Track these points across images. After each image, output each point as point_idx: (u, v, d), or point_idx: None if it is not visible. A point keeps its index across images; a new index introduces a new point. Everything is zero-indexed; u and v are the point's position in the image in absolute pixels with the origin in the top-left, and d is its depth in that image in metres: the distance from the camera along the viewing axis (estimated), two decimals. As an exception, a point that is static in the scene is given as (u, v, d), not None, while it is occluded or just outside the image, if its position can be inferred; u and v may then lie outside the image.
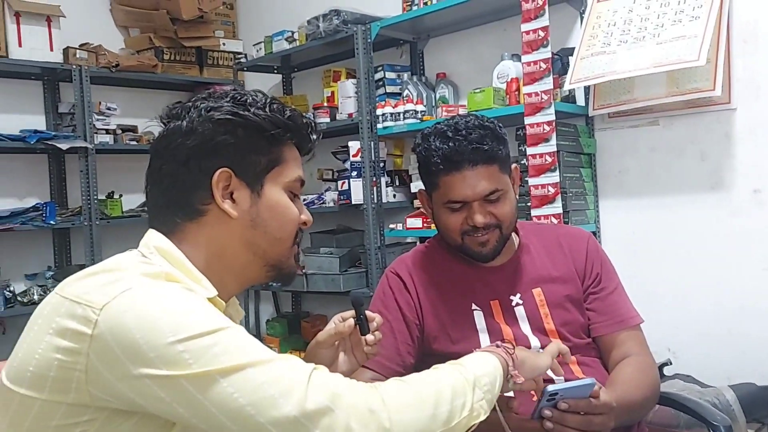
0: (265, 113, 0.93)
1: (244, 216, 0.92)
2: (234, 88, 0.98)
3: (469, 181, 1.30)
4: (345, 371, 1.08)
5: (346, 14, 3.01)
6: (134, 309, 0.75)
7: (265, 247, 0.95)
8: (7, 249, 3.21)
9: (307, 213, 1.00)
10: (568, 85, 2.38)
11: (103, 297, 0.77)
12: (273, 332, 3.61)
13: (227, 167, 0.91)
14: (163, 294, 0.79)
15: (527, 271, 1.41)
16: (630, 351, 1.36)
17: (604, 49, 2.30)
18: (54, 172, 3.49)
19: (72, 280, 0.83)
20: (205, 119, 0.91)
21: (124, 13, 3.73)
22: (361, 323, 1.06)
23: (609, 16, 2.34)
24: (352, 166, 2.99)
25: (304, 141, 1.00)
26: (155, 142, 0.96)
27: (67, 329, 0.76)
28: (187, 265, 0.89)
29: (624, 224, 2.52)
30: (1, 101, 3.31)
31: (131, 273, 0.82)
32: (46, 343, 0.77)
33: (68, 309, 0.78)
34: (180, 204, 0.92)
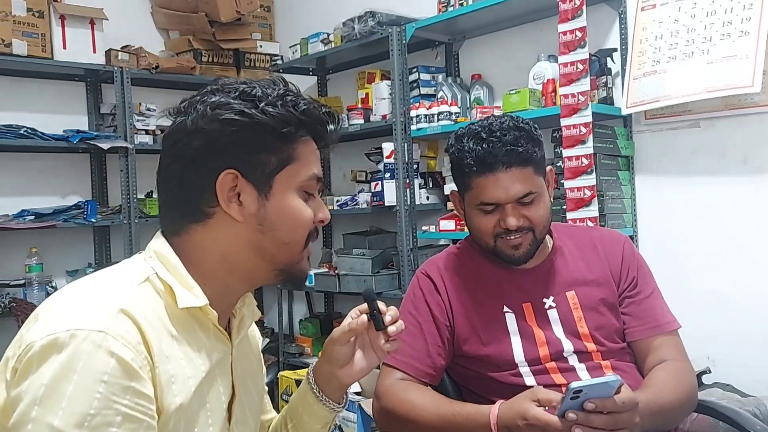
0: (275, 110, 0.87)
1: (250, 220, 0.88)
2: (245, 81, 0.90)
3: (502, 184, 1.29)
4: (363, 367, 1.04)
5: (381, 16, 3.02)
6: (38, 366, 0.74)
7: (273, 252, 0.90)
8: (50, 245, 3.30)
9: (324, 210, 0.95)
10: (625, 110, 2.39)
11: (39, 334, 0.76)
12: (305, 332, 3.63)
13: (234, 168, 0.86)
14: (72, 369, 0.73)
15: (561, 273, 1.40)
16: (666, 356, 1.33)
17: (654, 68, 2.28)
18: (95, 171, 3.58)
19: (57, 294, 0.84)
20: (211, 118, 0.86)
21: (165, 16, 3.81)
22: (375, 318, 1.01)
23: (655, 27, 2.32)
24: (386, 167, 3.00)
25: (321, 134, 0.93)
26: (163, 139, 0.92)
27: (18, 339, 0.79)
28: (181, 272, 0.87)
29: (662, 228, 2.47)
30: (46, 102, 3.41)
31: (92, 304, 0.79)
32: (10, 355, 0.79)
33: (28, 328, 0.79)
34: (186, 205, 0.89)
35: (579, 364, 1.33)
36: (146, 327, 0.80)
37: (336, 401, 1.06)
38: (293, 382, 2.82)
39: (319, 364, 1.06)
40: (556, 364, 1.32)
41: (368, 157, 3.27)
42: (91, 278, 0.87)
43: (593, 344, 1.34)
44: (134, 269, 0.88)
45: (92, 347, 0.74)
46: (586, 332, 1.35)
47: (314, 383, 1.05)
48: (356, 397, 2.46)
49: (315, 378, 1.06)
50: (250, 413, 1.00)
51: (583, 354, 1.33)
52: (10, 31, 3.05)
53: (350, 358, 1.04)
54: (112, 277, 0.87)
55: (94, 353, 0.74)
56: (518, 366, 1.32)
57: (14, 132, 3.07)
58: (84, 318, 0.76)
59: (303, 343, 3.59)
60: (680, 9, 2.26)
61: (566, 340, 1.34)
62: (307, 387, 1.06)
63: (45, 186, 3.40)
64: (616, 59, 2.53)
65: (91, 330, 0.75)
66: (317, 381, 1.05)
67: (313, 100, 0.92)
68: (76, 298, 0.82)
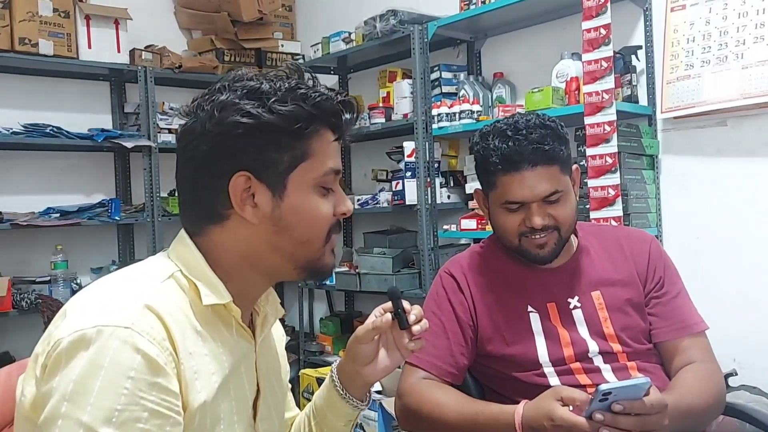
0: (284, 107, 0.83)
1: (266, 221, 0.86)
2: (254, 75, 0.87)
3: (528, 182, 1.28)
4: (387, 365, 1.04)
5: (403, 14, 3.01)
6: (68, 362, 0.75)
7: (291, 250, 0.89)
8: (75, 243, 3.34)
9: (345, 203, 0.93)
10: (661, 115, 2.38)
11: (67, 330, 0.76)
12: (326, 331, 3.64)
13: (246, 169, 0.84)
14: (99, 365, 0.74)
15: (586, 273, 1.38)
16: (693, 357, 1.31)
17: (688, 72, 2.27)
18: (119, 169, 3.62)
19: (85, 291, 0.84)
20: (217, 120, 0.83)
21: (188, 16, 3.84)
22: (399, 317, 1.00)
23: (686, 29, 2.30)
24: (407, 166, 2.99)
25: (336, 125, 0.90)
26: (177, 140, 0.90)
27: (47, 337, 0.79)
28: (204, 270, 0.87)
29: (688, 228, 2.43)
30: (71, 101, 3.46)
31: (119, 300, 0.80)
32: (39, 352, 0.80)
33: (56, 324, 0.80)
34: (202, 207, 0.88)
35: (604, 365, 1.31)
36: (171, 323, 0.80)
37: (359, 399, 1.06)
38: (314, 380, 2.82)
39: (343, 362, 1.06)
40: (581, 364, 1.31)
41: (389, 156, 3.26)
42: (116, 275, 0.88)
43: (619, 345, 1.32)
44: (159, 266, 0.88)
45: (118, 343, 0.75)
46: (611, 333, 1.33)
47: (338, 381, 1.05)
48: (377, 395, 2.46)
49: (339, 376, 1.06)
50: (275, 410, 1.00)
51: (609, 355, 1.32)
52: (37, 31, 3.09)
53: (374, 356, 1.03)
54: (137, 274, 0.88)
55: (120, 349, 0.74)
56: (542, 366, 1.31)
57: (40, 131, 3.12)
58: (110, 314, 0.77)
59: (323, 342, 3.60)
60: (711, 10, 2.24)
61: (591, 341, 1.32)
62: (331, 385, 1.06)
63: (70, 184, 3.45)
64: (641, 57, 2.50)
65: (117, 326, 0.75)
66: (341, 379, 1.06)
67: (328, 89, 0.89)
68: (102, 295, 0.82)
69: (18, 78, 3.29)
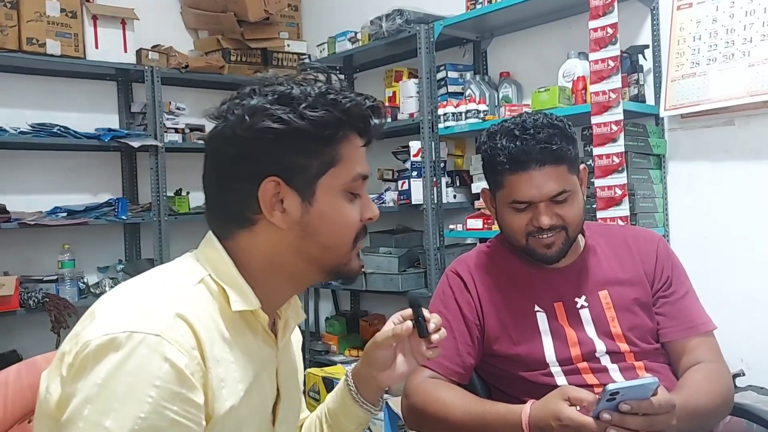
0: (315, 113, 0.83)
1: (294, 227, 0.86)
2: (283, 79, 0.87)
3: (535, 182, 1.27)
4: (404, 372, 1.04)
5: (409, 14, 3.01)
6: (95, 362, 0.74)
7: (317, 256, 0.89)
8: (82, 242, 3.35)
9: (372, 208, 0.93)
10: (663, 113, 2.36)
11: (95, 333, 0.76)
12: (332, 330, 3.65)
13: (276, 175, 0.84)
14: (126, 371, 0.74)
15: (593, 272, 1.38)
16: (701, 357, 1.30)
17: (694, 70, 2.26)
18: (126, 169, 3.63)
19: (115, 292, 0.83)
20: (248, 125, 0.83)
21: (194, 16, 3.85)
22: (419, 324, 1.01)
23: (693, 27, 2.29)
24: (413, 166, 2.99)
25: (365, 130, 0.90)
26: (206, 143, 0.90)
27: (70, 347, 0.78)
28: (234, 275, 0.86)
29: (695, 228, 2.43)
30: (78, 101, 3.47)
31: (157, 313, 0.78)
32: (67, 351, 0.79)
33: (83, 325, 0.79)
34: (231, 211, 0.88)
35: (611, 365, 1.31)
36: (201, 330, 0.80)
37: (373, 404, 1.06)
38: (320, 380, 2.83)
39: (359, 367, 1.06)
40: (588, 364, 1.30)
41: (395, 156, 3.27)
42: (147, 277, 0.87)
43: (626, 345, 1.32)
44: (189, 270, 0.87)
45: (147, 350, 0.74)
46: (619, 332, 1.33)
47: (353, 385, 1.05)
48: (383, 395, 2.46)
49: (354, 380, 1.06)
50: (292, 413, 1.01)
51: (616, 354, 1.31)
52: (44, 31, 3.11)
53: (391, 361, 1.04)
54: (168, 276, 0.87)
55: (148, 357, 0.74)
56: (549, 366, 1.31)
57: (47, 130, 3.13)
58: (141, 320, 0.76)
59: (329, 341, 3.60)
60: (718, 8, 2.23)
61: (599, 341, 1.32)
62: (345, 389, 1.06)
63: (77, 183, 3.46)
64: (648, 56, 2.49)
65: (148, 333, 0.75)
66: (356, 383, 1.05)
67: (357, 94, 0.89)
68: (133, 299, 0.81)
69: (25, 78, 3.31)
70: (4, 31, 3.01)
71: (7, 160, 3.25)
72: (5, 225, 2.94)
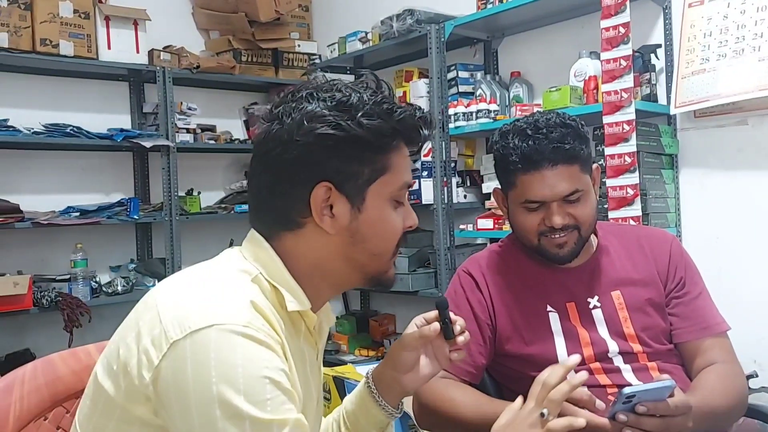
0: (371, 121, 0.85)
1: (343, 233, 0.87)
2: (340, 86, 0.88)
3: (548, 181, 1.27)
4: (427, 374, 1.05)
5: (420, 14, 3.01)
6: (198, 358, 0.74)
7: (363, 262, 0.90)
8: (94, 241, 3.37)
9: (413, 216, 0.94)
10: (674, 110, 2.33)
11: (179, 330, 0.76)
12: (342, 330, 3.65)
13: (328, 180, 0.85)
14: (234, 352, 0.75)
15: (606, 272, 1.37)
16: (715, 358, 1.30)
17: (703, 66, 2.24)
18: (138, 169, 3.65)
19: (170, 286, 0.84)
20: (306, 130, 0.84)
21: (205, 16, 3.87)
22: (446, 327, 1.01)
23: (704, 24, 2.27)
24: (423, 165, 2.99)
25: (415, 141, 0.92)
26: (256, 144, 0.90)
27: (143, 345, 0.77)
28: (286, 277, 0.87)
29: (707, 228, 2.41)
30: (91, 101, 3.50)
31: (223, 301, 0.79)
32: (127, 345, 0.78)
33: (151, 319, 0.78)
34: (279, 213, 0.88)
35: (624, 365, 1.30)
36: (273, 322, 0.81)
37: (393, 407, 1.05)
38: (330, 379, 2.83)
39: (382, 369, 1.06)
40: (600, 364, 1.30)
41: (406, 156, 3.26)
42: (202, 269, 0.87)
43: (639, 345, 1.32)
44: (241, 267, 0.87)
45: (243, 340, 0.75)
46: (631, 333, 1.32)
47: (374, 388, 1.05)
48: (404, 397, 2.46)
49: (375, 383, 1.05)
50: (319, 415, 1.01)
51: (629, 355, 1.31)
52: (57, 32, 3.13)
53: (415, 364, 1.04)
54: (225, 271, 0.87)
55: (248, 345, 0.75)
56: (562, 366, 1.30)
57: (60, 130, 3.16)
58: (223, 312, 0.77)
59: (339, 341, 3.61)
60: (729, 5, 2.21)
61: (611, 341, 1.31)
62: (366, 391, 1.06)
63: (90, 183, 3.48)
64: (661, 55, 2.48)
65: (235, 323, 0.76)
66: (377, 386, 1.05)
67: (408, 104, 0.90)
68: (204, 292, 0.81)
69: (39, 78, 3.33)
70: (18, 32, 3.03)
71: (21, 160, 3.28)
72: (19, 224, 2.96)
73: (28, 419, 0.94)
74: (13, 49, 3.02)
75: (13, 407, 0.92)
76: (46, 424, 0.95)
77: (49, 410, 0.96)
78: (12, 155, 3.24)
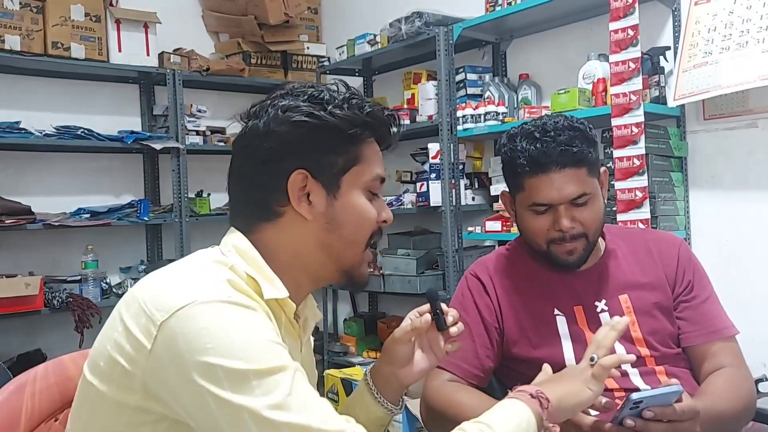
0: (343, 112, 0.91)
1: (319, 218, 0.91)
2: (312, 84, 0.95)
3: (555, 184, 1.27)
4: (424, 368, 1.06)
5: (428, 16, 3.01)
6: (188, 331, 0.76)
7: (339, 250, 0.94)
8: (105, 243, 3.40)
9: (387, 211, 0.99)
10: (673, 102, 2.32)
11: (164, 311, 0.77)
12: (350, 331, 3.66)
13: (304, 168, 0.90)
14: (221, 318, 0.78)
15: (613, 276, 1.37)
16: (723, 363, 1.29)
17: (706, 59, 2.21)
18: (148, 171, 3.67)
19: (148, 280, 0.85)
20: (281, 120, 0.90)
21: (215, 19, 3.89)
22: (437, 318, 1.03)
23: (708, 20, 2.25)
24: (431, 168, 3.00)
25: (384, 135, 0.97)
26: (235, 142, 0.96)
27: (131, 334, 0.79)
28: (261, 265, 0.89)
29: (717, 231, 2.40)
30: (101, 104, 3.53)
31: (199, 278, 0.83)
32: (114, 341, 0.80)
33: (136, 312, 0.80)
34: (258, 205, 0.92)
35: (632, 369, 1.30)
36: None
37: (393, 403, 1.06)
38: (338, 381, 2.84)
39: (379, 365, 1.07)
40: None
41: (414, 158, 3.27)
42: (179, 264, 0.89)
43: (647, 349, 1.31)
44: (216, 258, 0.89)
45: (228, 306, 0.79)
46: (639, 337, 1.32)
47: (372, 385, 1.06)
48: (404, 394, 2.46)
49: (373, 380, 1.07)
50: None
51: (637, 359, 1.30)
52: (69, 35, 3.16)
53: (410, 357, 1.06)
54: (199, 263, 0.89)
55: (234, 310, 0.79)
56: (569, 370, 1.30)
57: (71, 133, 3.18)
58: (204, 289, 0.80)
59: (347, 342, 3.61)
60: (736, 1, 2.19)
61: (619, 345, 1.31)
62: (365, 388, 1.07)
63: (100, 185, 3.51)
64: (670, 58, 2.47)
65: (217, 297, 0.80)
66: (375, 382, 1.06)
67: (376, 103, 0.96)
68: (181, 276, 0.84)
69: (50, 81, 3.36)
70: (30, 35, 3.06)
71: (33, 162, 3.31)
72: (30, 226, 2.99)
73: (40, 420, 0.95)
74: (25, 52, 3.05)
75: (24, 407, 0.94)
76: (57, 425, 0.96)
77: (60, 411, 0.98)
78: (24, 157, 3.27)
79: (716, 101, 2.32)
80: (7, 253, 3.18)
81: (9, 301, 2.83)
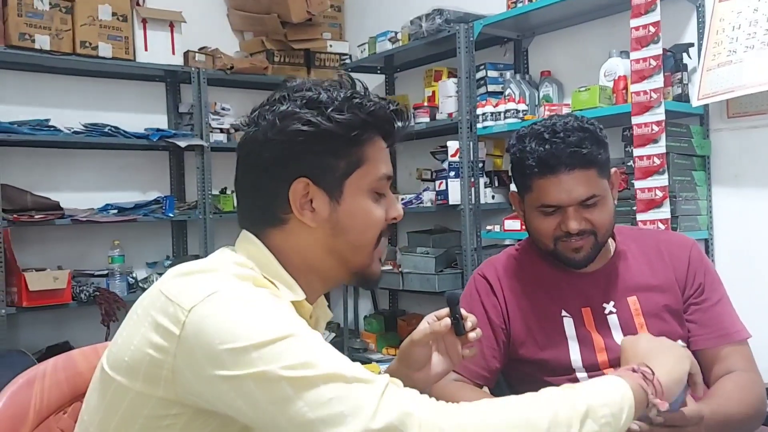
0: (342, 115, 0.88)
1: (324, 225, 0.91)
2: (312, 83, 0.92)
3: (564, 186, 1.26)
4: (440, 372, 1.05)
5: (449, 13, 3.01)
6: (217, 313, 0.77)
7: (346, 254, 0.93)
8: (131, 238, 3.47)
9: (397, 208, 0.97)
10: (697, 102, 2.28)
11: (191, 299, 0.78)
12: (370, 328, 3.68)
13: (305, 175, 0.89)
14: (247, 299, 0.80)
15: (622, 278, 1.36)
16: (734, 366, 1.27)
17: (730, 58, 2.17)
18: (174, 168, 3.73)
19: (170, 275, 0.86)
20: (279, 129, 0.88)
21: (240, 18, 3.93)
22: (456, 323, 1.01)
23: (733, 18, 2.20)
24: (451, 166, 2.99)
25: (389, 132, 0.95)
26: (238, 148, 0.95)
27: (159, 325, 0.79)
28: (277, 269, 0.90)
29: (740, 232, 2.35)
30: (128, 102, 3.59)
31: (223, 275, 0.84)
32: (141, 335, 0.81)
33: (163, 305, 0.80)
34: (263, 211, 0.92)
35: (639, 372, 1.29)
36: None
37: None
38: (356, 377, 2.86)
39: (395, 367, 1.06)
40: (615, 371, 1.28)
41: (433, 156, 3.27)
42: (196, 262, 0.89)
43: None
44: (235, 260, 0.89)
45: (257, 290, 0.81)
46: (648, 339, 1.30)
47: None
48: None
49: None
50: None
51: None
52: (96, 34, 3.23)
53: (426, 361, 1.05)
54: (220, 261, 0.89)
55: (263, 294, 0.81)
56: (575, 371, 1.30)
57: (99, 130, 3.26)
58: (229, 281, 0.82)
59: (367, 339, 3.63)
60: (760, -1, 2.14)
61: (627, 347, 1.30)
62: None
63: (127, 182, 3.58)
64: (693, 55, 2.42)
65: (244, 287, 0.82)
66: None
67: (380, 98, 0.93)
68: (206, 273, 0.84)
69: (79, 80, 3.44)
70: (60, 34, 3.14)
71: (62, 158, 3.39)
72: (59, 221, 3.07)
73: (48, 413, 0.98)
74: (54, 52, 3.13)
75: (33, 400, 0.96)
76: (65, 418, 0.99)
77: (69, 404, 1.00)
78: (53, 154, 3.35)
79: (740, 99, 2.28)
80: (37, 247, 3.27)
81: (38, 294, 2.91)
